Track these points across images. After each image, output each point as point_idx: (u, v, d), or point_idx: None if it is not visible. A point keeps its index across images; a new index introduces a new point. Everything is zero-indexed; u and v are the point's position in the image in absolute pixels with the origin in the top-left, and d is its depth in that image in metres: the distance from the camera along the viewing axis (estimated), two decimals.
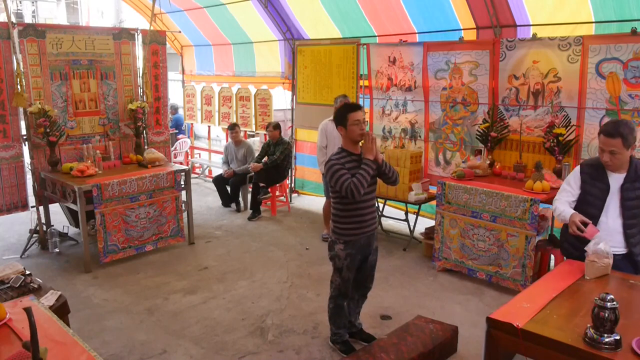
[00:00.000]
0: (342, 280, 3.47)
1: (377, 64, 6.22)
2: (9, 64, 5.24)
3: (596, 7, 4.57)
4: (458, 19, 5.54)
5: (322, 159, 5.84)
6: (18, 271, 3.32)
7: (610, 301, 2.27)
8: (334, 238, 3.47)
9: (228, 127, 7.74)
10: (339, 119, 3.40)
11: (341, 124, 3.38)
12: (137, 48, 6.17)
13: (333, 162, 3.34)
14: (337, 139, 5.76)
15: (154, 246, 5.47)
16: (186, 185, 5.74)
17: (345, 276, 3.46)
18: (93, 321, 4.09)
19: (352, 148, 3.42)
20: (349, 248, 3.41)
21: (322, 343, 3.77)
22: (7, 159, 5.36)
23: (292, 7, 6.98)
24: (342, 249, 3.41)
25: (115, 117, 6.10)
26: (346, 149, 3.43)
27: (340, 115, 3.39)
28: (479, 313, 4.12)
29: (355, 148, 3.42)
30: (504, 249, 4.50)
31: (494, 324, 2.59)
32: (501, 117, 5.20)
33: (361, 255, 3.48)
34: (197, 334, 3.90)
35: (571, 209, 3.24)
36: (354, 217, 3.38)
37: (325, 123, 5.84)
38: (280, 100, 8.61)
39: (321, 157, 5.85)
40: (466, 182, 4.81)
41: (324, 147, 5.80)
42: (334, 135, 5.78)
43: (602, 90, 4.52)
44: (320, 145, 5.82)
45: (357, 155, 3.40)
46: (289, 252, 5.63)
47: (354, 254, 3.43)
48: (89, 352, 2.12)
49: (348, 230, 3.40)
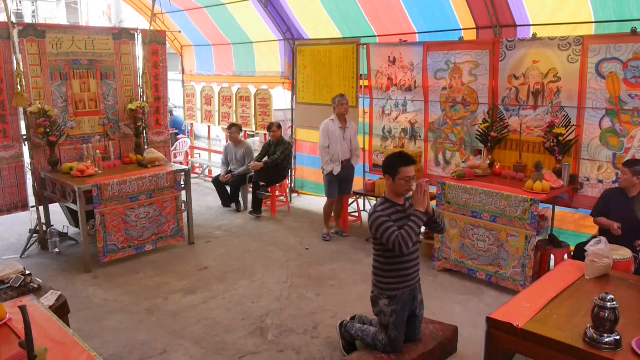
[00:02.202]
0: (389, 340, 3.24)
1: (377, 64, 6.22)
2: (9, 64, 5.23)
3: (596, 7, 4.57)
4: (458, 19, 5.54)
5: (327, 158, 5.88)
6: (18, 271, 3.32)
7: (610, 301, 2.27)
8: (377, 292, 3.30)
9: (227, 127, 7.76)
10: (388, 169, 3.18)
11: (389, 174, 3.17)
12: (137, 48, 6.16)
13: (379, 214, 3.13)
14: (339, 139, 5.81)
15: (153, 246, 5.47)
16: (186, 185, 5.74)
17: (392, 335, 3.23)
18: (93, 321, 4.09)
19: (397, 199, 3.24)
20: (394, 304, 3.23)
21: (322, 343, 3.77)
22: (7, 159, 5.36)
23: (292, 7, 6.98)
24: (386, 305, 3.23)
25: (115, 117, 6.10)
26: (390, 199, 3.23)
27: (390, 165, 3.17)
28: (479, 313, 4.11)
29: (400, 199, 3.25)
30: (503, 249, 4.50)
31: (494, 324, 2.59)
32: (501, 117, 5.20)
33: (408, 310, 3.31)
34: (197, 334, 3.90)
35: None
36: (399, 270, 3.23)
37: (326, 123, 5.87)
38: (280, 100, 8.61)
39: (325, 156, 5.89)
40: (466, 182, 4.81)
41: (326, 147, 5.83)
42: (336, 135, 5.81)
43: (602, 90, 4.52)
44: (323, 145, 5.85)
45: (401, 206, 3.24)
46: (289, 252, 5.63)
47: (400, 310, 3.24)
48: (89, 352, 2.12)
49: (391, 285, 3.24)
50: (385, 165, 3.21)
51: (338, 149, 5.83)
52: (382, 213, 3.15)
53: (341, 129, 5.83)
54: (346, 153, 5.90)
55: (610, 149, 4.58)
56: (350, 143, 5.90)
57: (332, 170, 5.84)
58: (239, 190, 7.26)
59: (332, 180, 5.93)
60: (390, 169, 3.16)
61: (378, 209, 3.18)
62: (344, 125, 5.85)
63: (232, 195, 7.29)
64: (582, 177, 4.80)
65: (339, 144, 5.83)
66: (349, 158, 5.94)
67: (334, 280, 4.88)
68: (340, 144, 5.83)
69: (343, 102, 5.77)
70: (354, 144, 5.95)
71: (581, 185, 4.80)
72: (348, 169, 5.97)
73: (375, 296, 3.35)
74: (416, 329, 3.42)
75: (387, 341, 3.27)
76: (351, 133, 5.91)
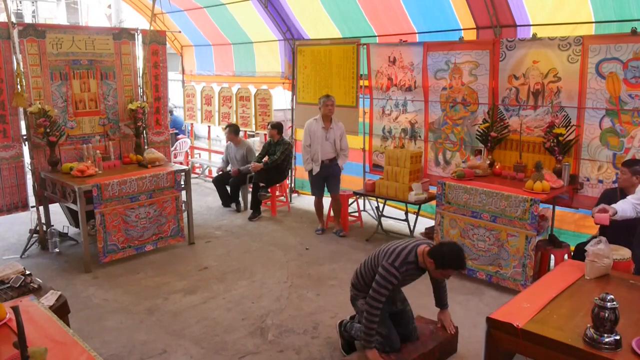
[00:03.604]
0: (382, 338, 3.27)
1: (377, 64, 6.22)
2: (9, 64, 5.23)
3: (596, 7, 4.57)
4: (458, 19, 5.54)
5: (307, 157, 6.03)
6: (18, 271, 3.32)
7: (610, 301, 2.27)
8: (354, 293, 3.47)
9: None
10: (442, 261, 3.00)
11: (440, 266, 3.01)
12: (137, 48, 6.16)
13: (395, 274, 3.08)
14: (320, 139, 5.90)
15: (154, 246, 5.47)
16: (186, 185, 5.74)
17: (383, 332, 3.27)
18: (93, 321, 4.09)
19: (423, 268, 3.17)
20: None
21: (322, 343, 3.77)
22: (7, 159, 5.36)
23: (292, 7, 6.98)
24: (364, 304, 3.24)
25: (115, 117, 6.10)
26: (421, 267, 3.16)
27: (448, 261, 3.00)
28: (479, 313, 4.11)
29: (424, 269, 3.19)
30: (504, 249, 4.50)
31: (494, 324, 2.59)
32: (501, 117, 5.20)
33: (388, 309, 3.34)
34: (197, 334, 3.90)
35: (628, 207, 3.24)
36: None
37: (309, 122, 6.01)
38: (280, 100, 8.61)
39: (305, 155, 6.05)
40: (466, 182, 4.80)
41: (307, 146, 6.00)
42: (317, 134, 5.91)
43: (602, 90, 4.52)
44: (305, 144, 6.02)
45: (422, 270, 3.20)
46: (289, 252, 5.63)
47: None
48: (89, 352, 2.12)
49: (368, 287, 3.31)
50: (444, 257, 3.00)
51: (318, 148, 5.91)
52: (397, 275, 3.08)
53: (324, 129, 5.90)
54: (328, 153, 5.97)
55: (610, 149, 4.58)
56: (334, 143, 5.95)
57: (312, 170, 5.98)
58: (239, 190, 7.27)
59: (313, 179, 6.09)
60: (444, 263, 3.00)
61: (401, 269, 3.09)
62: (327, 126, 5.91)
63: (232, 195, 7.30)
64: (582, 177, 4.80)
65: (320, 144, 5.91)
66: (332, 157, 6.00)
67: (334, 280, 4.88)
68: (321, 144, 5.91)
69: (328, 103, 5.84)
70: (340, 144, 6.02)
71: (581, 185, 4.80)
72: (331, 168, 6.03)
73: (353, 296, 3.45)
74: (409, 325, 3.45)
75: (381, 340, 3.28)
76: (336, 133, 5.96)
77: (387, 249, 3.25)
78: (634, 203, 3.27)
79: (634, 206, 3.26)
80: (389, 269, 3.10)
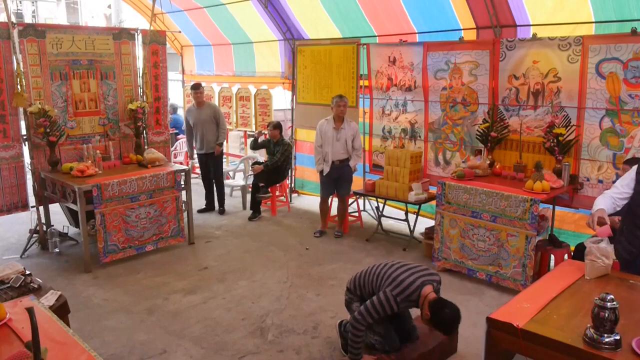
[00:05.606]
0: (381, 338, 3.27)
1: (377, 64, 6.22)
2: (9, 64, 5.23)
3: (596, 7, 4.57)
4: (458, 19, 5.54)
5: (318, 157, 6.01)
6: (18, 271, 3.32)
7: (610, 301, 2.27)
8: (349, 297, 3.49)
9: (191, 87, 6.82)
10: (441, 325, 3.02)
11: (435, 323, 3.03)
12: (137, 48, 6.16)
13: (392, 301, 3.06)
14: (331, 139, 5.87)
15: (154, 246, 5.47)
16: (186, 185, 5.74)
17: (381, 332, 3.27)
18: (93, 321, 4.09)
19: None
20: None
21: (322, 343, 3.77)
22: (7, 159, 5.36)
23: (292, 7, 6.98)
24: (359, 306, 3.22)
25: (115, 117, 6.10)
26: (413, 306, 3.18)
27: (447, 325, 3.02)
28: (479, 313, 4.11)
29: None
30: (504, 249, 4.50)
31: (494, 324, 2.59)
32: (501, 117, 5.20)
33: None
34: (197, 334, 3.90)
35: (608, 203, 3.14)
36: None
37: (321, 123, 5.98)
38: (280, 100, 8.61)
39: (316, 155, 6.03)
40: (466, 182, 4.81)
41: (319, 147, 5.98)
42: (328, 135, 5.89)
43: (602, 90, 4.52)
44: (316, 144, 6.01)
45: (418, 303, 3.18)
46: (289, 252, 5.63)
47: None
48: (89, 352, 2.12)
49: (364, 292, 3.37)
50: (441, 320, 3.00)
51: (329, 149, 5.88)
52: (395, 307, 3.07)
53: (335, 129, 5.88)
54: (339, 154, 5.94)
55: (610, 149, 4.58)
56: (345, 144, 5.92)
57: (322, 170, 5.98)
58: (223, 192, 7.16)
59: (323, 180, 6.06)
60: (438, 324, 3.02)
61: (401, 304, 3.09)
62: (339, 126, 5.88)
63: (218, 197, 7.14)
64: (582, 177, 4.80)
65: (331, 145, 5.89)
66: (344, 159, 5.97)
67: (334, 280, 4.88)
68: (332, 145, 5.89)
69: (340, 104, 5.80)
70: (354, 144, 5.95)
71: (581, 185, 4.80)
72: (342, 169, 5.99)
73: (347, 300, 3.46)
74: (407, 325, 3.44)
75: (380, 339, 3.28)
76: (347, 134, 5.91)
77: (394, 275, 3.17)
78: (613, 197, 3.21)
79: (613, 201, 3.20)
80: (389, 299, 3.07)
